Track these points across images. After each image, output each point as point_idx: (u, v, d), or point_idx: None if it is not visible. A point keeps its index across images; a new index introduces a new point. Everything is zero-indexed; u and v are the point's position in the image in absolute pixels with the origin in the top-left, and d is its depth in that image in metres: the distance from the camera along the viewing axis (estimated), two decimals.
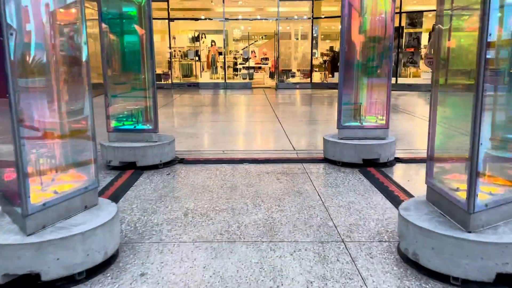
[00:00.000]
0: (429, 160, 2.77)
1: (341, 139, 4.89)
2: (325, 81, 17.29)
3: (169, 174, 4.53)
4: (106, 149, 4.65)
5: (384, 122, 4.94)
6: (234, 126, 7.90)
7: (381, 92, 4.96)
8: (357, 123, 5.00)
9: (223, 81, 17.72)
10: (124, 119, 4.97)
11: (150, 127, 4.82)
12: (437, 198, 2.66)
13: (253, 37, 25.07)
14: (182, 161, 5.03)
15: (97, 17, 4.58)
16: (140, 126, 4.89)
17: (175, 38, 20.34)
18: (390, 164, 4.82)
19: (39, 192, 2.42)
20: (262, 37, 25.39)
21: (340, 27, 4.86)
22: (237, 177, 4.37)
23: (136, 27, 4.69)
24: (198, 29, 20.35)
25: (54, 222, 2.41)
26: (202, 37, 20.37)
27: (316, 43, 18.83)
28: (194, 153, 5.50)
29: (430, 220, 2.48)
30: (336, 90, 5.02)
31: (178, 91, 15.77)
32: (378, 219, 3.25)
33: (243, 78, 19.19)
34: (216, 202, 3.64)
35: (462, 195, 2.36)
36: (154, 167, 4.70)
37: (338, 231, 3.02)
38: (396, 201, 3.61)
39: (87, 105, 2.67)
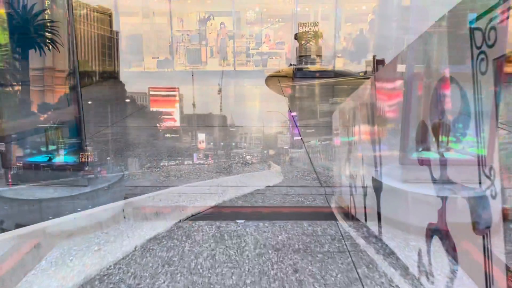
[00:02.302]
0: None
1: (406, 182, 2.81)
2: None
3: (99, 249, 2.53)
4: None
5: (483, 152, 2.82)
6: (233, 135, 5.84)
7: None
8: (436, 155, 2.89)
9: (233, 68, 15.65)
10: (42, 146, 2.98)
11: (76, 161, 2.81)
12: None
13: (268, 19, 22.82)
14: None
15: None
16: (63, 158, 2.89)
17: (182, 20, 18.34)
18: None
19: None
20: (278, 20, 23.13)
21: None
22: (220, 263, 2.34)
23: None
24: (206, 10, 18.25)
25: None
26: (210, 19, 18.27)
27: (340, 25, 16.60)
28: (159, 192, 3.46)
29: None
30: (364, 80, 2.91)
31: (179, 81, 13.73)
32: None
33: (256, 66, 17.05)
34: None
35: None
36: None
37: None
38: None
39: None
